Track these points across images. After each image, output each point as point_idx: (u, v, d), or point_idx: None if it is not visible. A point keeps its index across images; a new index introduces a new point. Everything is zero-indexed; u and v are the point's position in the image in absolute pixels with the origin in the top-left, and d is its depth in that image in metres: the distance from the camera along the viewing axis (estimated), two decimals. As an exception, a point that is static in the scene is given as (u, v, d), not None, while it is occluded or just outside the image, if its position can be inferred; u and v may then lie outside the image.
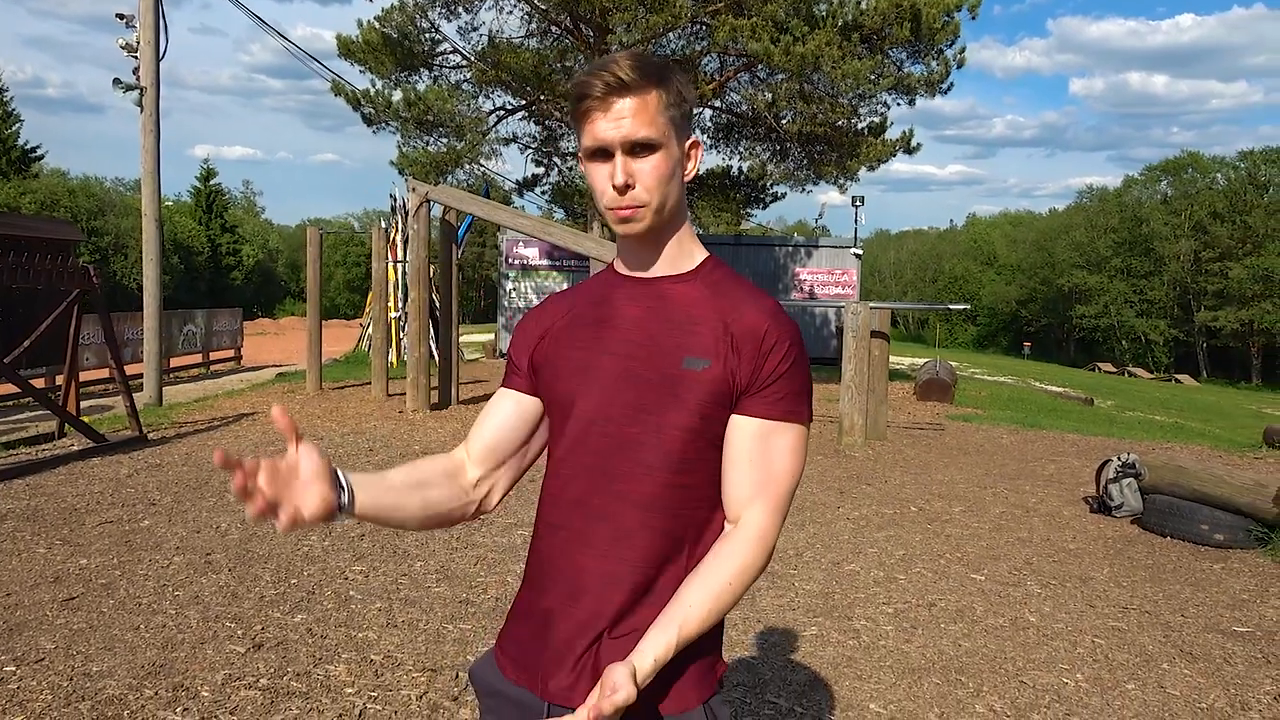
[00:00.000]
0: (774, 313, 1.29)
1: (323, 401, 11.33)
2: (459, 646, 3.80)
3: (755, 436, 1.27)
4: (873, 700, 3.45)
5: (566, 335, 1.36)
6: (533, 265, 20.84)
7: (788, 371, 1.27)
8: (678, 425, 1.26)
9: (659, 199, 1.27)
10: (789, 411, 1.27)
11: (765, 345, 1.26)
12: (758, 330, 1.27)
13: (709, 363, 1.26)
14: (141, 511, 5.80)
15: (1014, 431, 11.40)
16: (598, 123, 1.24)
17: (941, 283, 74.05)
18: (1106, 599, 4.78)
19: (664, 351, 1.28)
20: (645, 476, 1.27)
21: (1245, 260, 50.48)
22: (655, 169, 1.25)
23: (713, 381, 1.25)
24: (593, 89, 1.23)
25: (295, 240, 77.90)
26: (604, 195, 1.28)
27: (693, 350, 1.27)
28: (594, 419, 1.30)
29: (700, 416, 1.26)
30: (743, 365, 1.26)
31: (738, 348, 1.26)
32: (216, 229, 57.48)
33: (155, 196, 11.45)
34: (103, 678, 3.36)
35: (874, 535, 5.90)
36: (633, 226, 1.28)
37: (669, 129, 1.26)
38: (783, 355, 1.26)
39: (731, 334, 1.27)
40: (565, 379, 1.34)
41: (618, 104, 1.23)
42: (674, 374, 1.27)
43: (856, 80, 12.35)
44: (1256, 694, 3.65)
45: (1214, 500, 5.98)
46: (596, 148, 1.26)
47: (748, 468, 1.27)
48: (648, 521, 1.26)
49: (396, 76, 14.45)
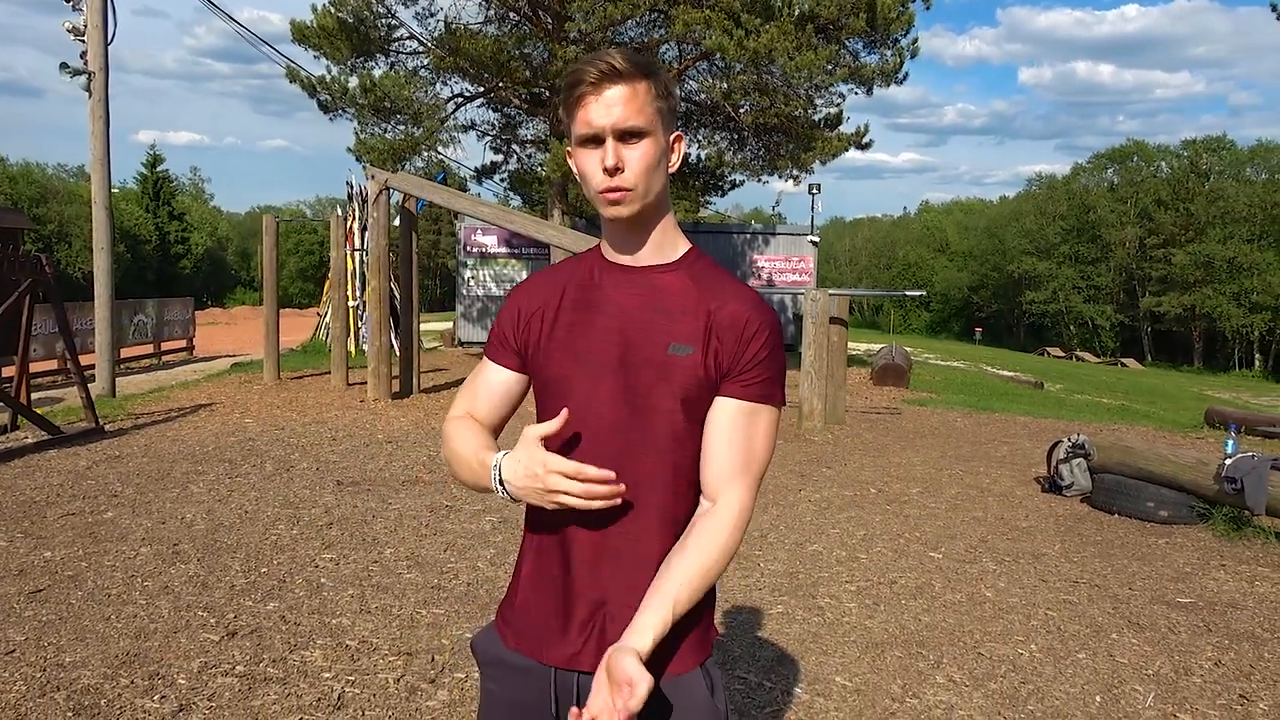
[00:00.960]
0: (755, 303, 1.37)
1: (281, 391, 11.22)
2: (433, 631, 3.85)
3: (735, 418, 1.35)
4: (838, 674, 3.57)
5: (558, 318, 1.42)
6: (491, 253, 20.74)
7: (767, 357, 1.35)
8: (665, 408, 1.34)
9: (645, 185, 1.33)
10: (766, 395, 1.36)
11: (747, 333, 1.34)
12: (739, 319, 1.35)
13: (692, 349, 1.34)
14: (104, 503, 5.74)
15: (968, 415, 11.67)
16: (590, 108, 1.30)
17: (895, 269, 74.99)
18: (1058, 574, 4.97)
19: (651, 338, 1.35)
20: (638, 455, 1.34)
21: (1188, 247, 51.86)
22: (643, 156, 1.31)
23: (696, 367, 1.33)
24: (587, 76, 1.30)
25: (245, 228, 76.54)
26: (594, 178, 1.33)
27: (678, 338, 1.34)
28: (586, 402, 1.36)
29: (684, 399, 1.34)
30: (724, 351, 1.34)
31: (720, 335, 1.34)
32: (164, 217, 56.22)
33: (105, 184, 11.22)
34: (76, 668, 3.36)
35: (835, 516, 6.05)
36: (620, 210, 1.33)
37: (656, 119, 1.32)
38: (763, 342, 1.35)
39: (715, 322, 1.35)
40: (558, 362, 1.40)
41: (610, 91, 1.29)
42: (661, 359, 1.34)
43: (811, 72, 12.48)
44: (1199, 660, 3.84)
45: (1159, 479, 6.22)
46: (589, 134, 1.31)
47: (728, 448, 1.35)
48: (643, 497, 1.34)
49: (352, 62, 14.26)
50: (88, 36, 10.85)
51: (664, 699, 1.33)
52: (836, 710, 3.26)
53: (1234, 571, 5.11)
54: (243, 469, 6.87)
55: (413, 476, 6.81)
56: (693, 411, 1.35)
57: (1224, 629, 4.21)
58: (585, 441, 1.36)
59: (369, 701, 3.20)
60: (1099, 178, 61.18)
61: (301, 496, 6.08)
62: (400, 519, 5.59)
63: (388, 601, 4.18)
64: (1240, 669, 3.76)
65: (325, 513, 5.68)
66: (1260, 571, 5.12)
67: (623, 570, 1.34)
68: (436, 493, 6.30)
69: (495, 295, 20.84)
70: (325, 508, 5.80)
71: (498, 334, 1.48)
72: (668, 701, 1.33)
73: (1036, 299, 59.53)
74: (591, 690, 1.21)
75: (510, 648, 1.42)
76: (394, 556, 4.85)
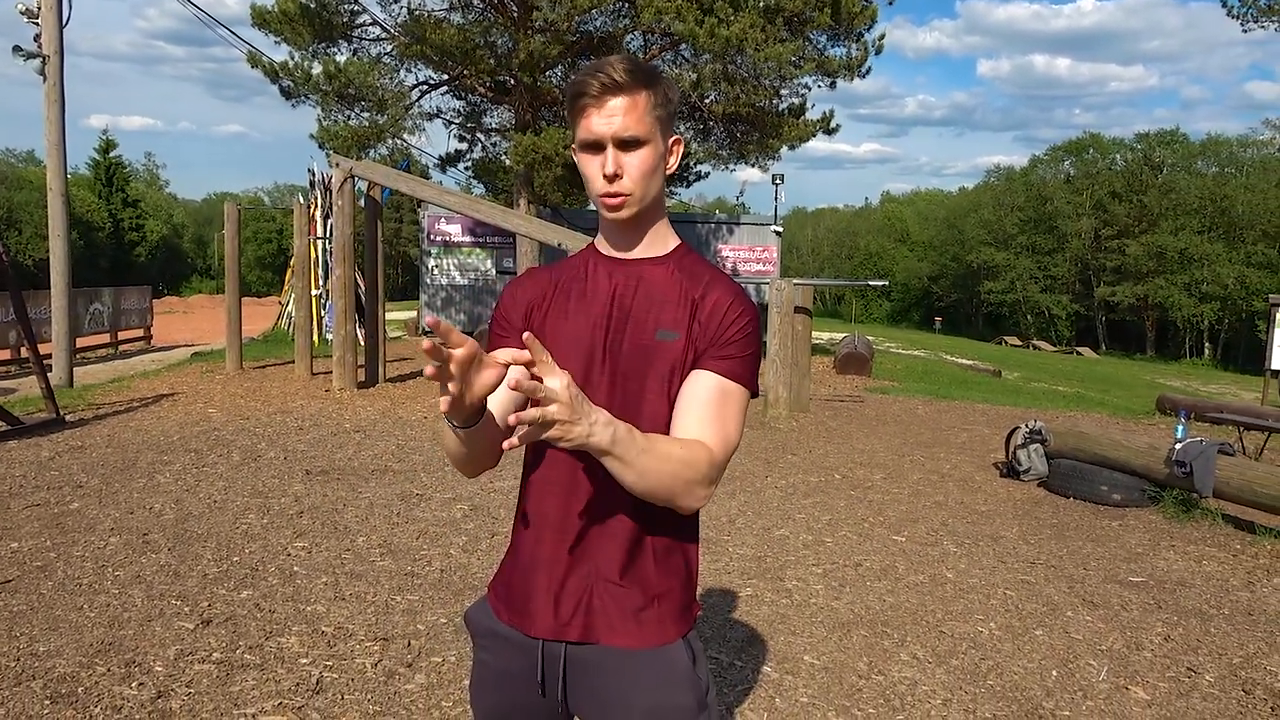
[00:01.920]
0: (738, 293, 1.45)
1: (244, 381, 11.12)
2: (409, 616, 3.90)
3: (709, 390, 1.39)
4: (806, 653, 3.68)
5: (553, 307, 1.49)
6: (455, 242, 20.63)
7: (743, 339, 1.42)
8: (653, 390, 1.41)
9: (642, 190, 1.41)
10: (740, 374, 1.41)
11: (728, 317, 1.41)
12: (721, 304, 1.42)
13: (678, 335, 1.41)
14: (69, 494, 5.69)
15: (928, 402, 11.89)
16: (593, 118, 1.37)
17: (857, 259, 75.73)
18: (1016, 555, 5.13)
19: (640, 325, 1.43)
20: None
21: (1141, 238, 52.96)
22: (641, 163, 1.39)
23: (681, 351, 1.41)
24: (590, 88, 1.36)
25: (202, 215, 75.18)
26: (595, 182, 1.41)
27: (664, 324, 1.42)
28: (579, 385, 1.42)
29: (670, 382, 1.41)
30: (705, 332, 1.41)
31: (703, 320, 1.42)
32: (118, 203, 55.11)
33: (61, 170, 11.01)
34: (51, 657, 3.36)
35: (801, 502, 6.17)
36: (619, 214, 1.42)
37: (655, 127, 1.40)
38: (741, 326, 1.42)
39: (698, 309, 1.42)
40: (551, 347, 1.44)
41: (611, 102, 1.37)
42: (649, 344, 1.42)
43: (779, 63, 12.58)
44: (1149, 635, 4.00)
45: (1112, 463, 6.42)
46: (591, 140, 1.39)
47: (699, 414, 1.37)
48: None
49: (315, 48, 14.08)
50: (41, 19, 10.63)
51: (648, 669, 1.40)
52: (805, 687, 3.36)
53: (1183, 552, 5.31)
54: (209, 459, 6.82)
55: (382, 465, 6.82)
56: (674, 391, 1.42)
57: (1173, 606, 4.38)
58: None
59: (347, 686, 3.24)
60: (1056, 170, 62.23)
61: (270, 486, 6.06)
62: (371, 507, 5.61)
63: (362, 588, 4.21)
64: (1188, 643, 3.93)
65: (295, 502, 5.68)
66: (1207, 551, 5.33)
67: (607, 546, 1.41)
68: (407, 481, 6.32)
69: (459, 284, 20.75)
70: (295, 497, 5.80)
71: (500, 321, 1.53)
72: (652, 672, 1.40)
73: (994, 289, 60.50)
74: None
75: (503, 620, 1.48)
76: (366, 544, 4.87)
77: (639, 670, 1.40)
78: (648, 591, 1.41)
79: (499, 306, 1.55)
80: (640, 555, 1.41)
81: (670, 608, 1.43)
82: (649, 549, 1.42)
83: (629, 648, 1.40)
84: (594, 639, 1.41)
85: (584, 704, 1.44)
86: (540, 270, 1.57)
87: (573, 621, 1.41)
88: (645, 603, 1.41)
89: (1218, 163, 55.33)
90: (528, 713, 1.48)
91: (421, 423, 8.77)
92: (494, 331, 1.54)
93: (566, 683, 1.43)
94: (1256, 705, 3.37)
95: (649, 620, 1.40)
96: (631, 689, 1.40)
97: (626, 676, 1.40)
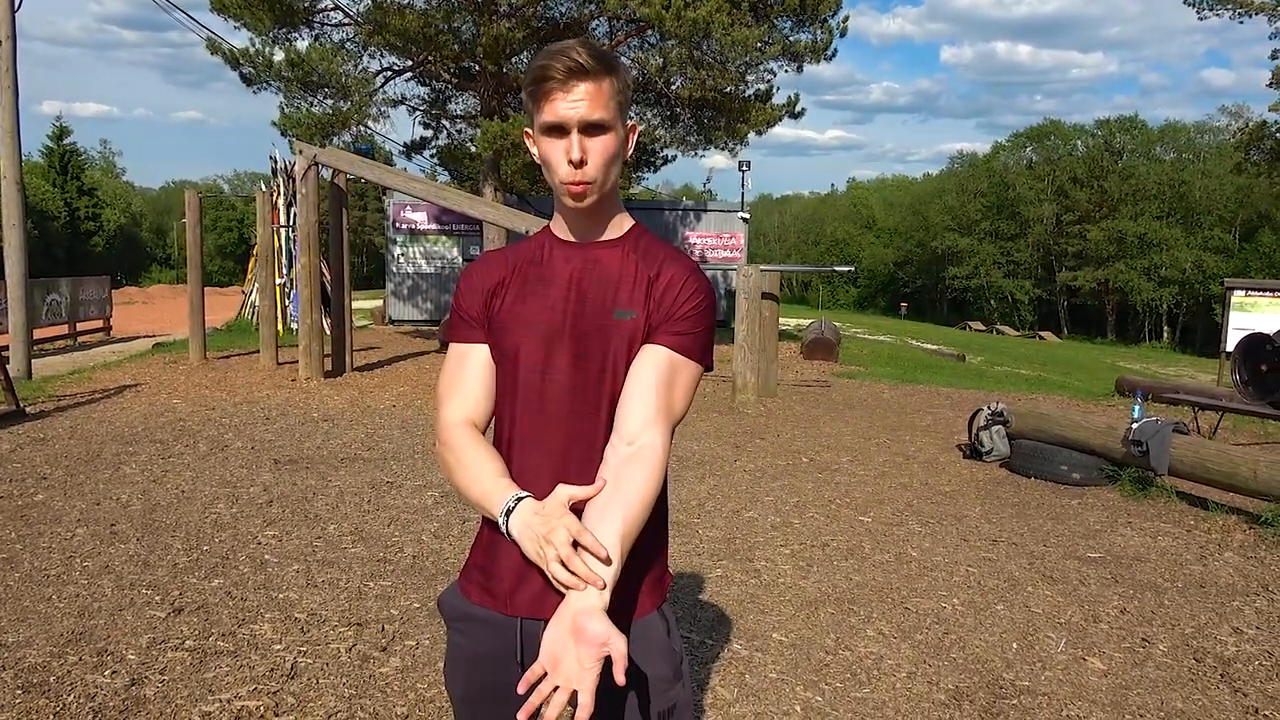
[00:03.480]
0: (691, 269, 1.49)
1: (209, 371, 11.00)
2: (382, 602, 3.92)
3: (660, 366, 1.43)
4: (775, 630, 3.75)
5: (513, 293, 1.51)
6: (421, 230, 20.50)
7: (696, 314, 1.46)
8: (612, 370, 1.45)
9: (604, 176, 1.42)
10: (691, 349, 1.46)
11: (682, 293, 1.45)
12: (675, 281, 1.46)
13: (635, 313, 1.45)
14: (33, 486, 5.62)
15: (894, 386, 12.06)
16: (558, 102, 1.37)
17: (823, 245, 76.20)
18: (978, 534, 5.25)
19: (597, 306, 1.46)
20: (590, 415, 1.45)
21: (1102, 223, 53.82)
22: (604, 148, 1.40)
23: (638, 329, 1.45)
24: (554, 72, 1.36)
25: (160, 204, 73.83)
26: (559, 169, 1.40)
27: (620, 304, 1.46)
28: (540, 368, 1.46)
29: (628, 360, 1.45)
30: (660, 308, 1.45)
31: (657, 297, 1.45)
32: (73, 191, 54.02)
33: (16, 157, 10.79)
34: (20, 647, 3.34)
35: (769, 485, 6.25)
36: (582, 203, 1.43)
37: (617, 113, 1.41)
38: (695, 302, 1.46)
39: (654, 286, 1.46)
40: (513, 332, 1.49)
41: (578, 87, 1.37)
42: (607, 324, 1.45)
43: (745, 48, 12.62)
44: (1106, 609, 4.13)
45: (1072, 443, 6.57)
46: (555, 124, 1.39)
47: (650, 393, 1.41)
48: (595, 453, 1.44)
49: (275, 33, 13.89)
50: (-6, 3, 10.37)
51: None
52: (774, 663, 3.44)
53: (1139, 528, 5.46)
54: (175, 449, 6.77)
55: (351, 454, 6.80)
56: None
57: (1129, 580, 4.52)
58: (540, 403, 1.46)
59: (322, 670, 3.26)
60: (1018, 156, 62.99)
61: (239, 475, 6.03)
62: (342, 495, 5.60)
63: (334, 575, 4.22)
64: (1143, 616, 4.06)
65: (264, 491, 5.66)
66: (1162, 528, 5.49)
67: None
68: (377, 469, 6.32)
69: (426, 272, 20.62)
70: (264, 486, 5.78)
71: (463, 314, 1.54)
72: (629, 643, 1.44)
73: (959, 274, 61.21)
74: (552, 652, 1.22)
75: (475, 602, 1.50)
76: (338, 532, 4.88)
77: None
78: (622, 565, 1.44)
79: (458, 295, 1.56)
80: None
81: (645, 582, 1.48)
82: None
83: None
84: None
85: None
86: (495, 254, 1.58)
87: (545, 597, 1.43)
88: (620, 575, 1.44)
89: (1175, 149, 56.33)
90: (504, 691, 1.50)
91: (390, 411, 8.75)
92: (455, 323, 1.55)
93: None
94: (1206, 673, 3.49)
95: (625, 592, 1.43)
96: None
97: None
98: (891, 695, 3.22)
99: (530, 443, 1.46)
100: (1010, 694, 3.27)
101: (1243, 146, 33.28)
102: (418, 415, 8.56)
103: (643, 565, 1.47)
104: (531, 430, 1.46)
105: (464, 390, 1.51)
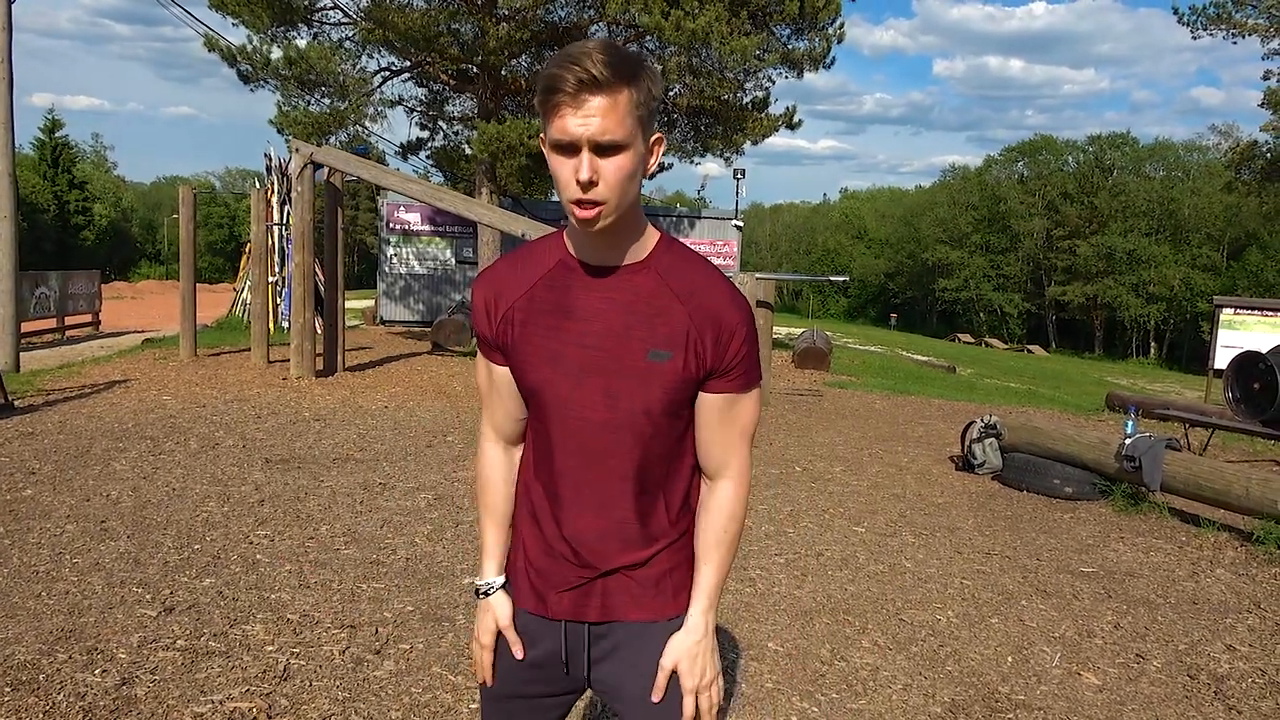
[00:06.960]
0: (730, 297, 1.39)
1: (199, 368, 10.93)
2: (375, 604, 3.89)
3: (725, 407, 1.43)
4: (770, 640, 3.74)
5: (530, 322, 1.42)
6: (415, 231, 20.47)
7: (747, 353, 1.41)
8: (646, 411, 1.38)
9: (618, 197, 1.29)
10: (750, 383, 1.44)
11: (725, 334, 1.38)
12: (718, 318, 1.37)
13: (671, 354, 1.36)
14: (21, 481, 5.56)
15: (886, 397, 12.08)
16: (567, 119, 1.24)
17: (815, 255, 76.41)
18: (972, 546, 5.26)
19: (628, 345, 1.37)
20: (623, 453, 1.41)
21: (1091, 238, 54.18)
22: (619, 168, 1.27)
23: (676, 372, 1.37)
24: (564, 84, 1.22)
25: (151, 199, 73.50)
26: (568, 187, 1.28)
27: (656, 343, 1.36)
28: (568, 406, 1.41)
29: (666, 402, 1.39)
30: (708, 353, 1.38)
31: (701, 336, 1.37)
32: (64, 185, 53.70)
33: (8, 150, 10.72)
34: (9, 645, 3.30)
35: (763, 493, 6.24)
36: (592, 225, 1.30)
37: (636, 128, 1.27)
38: (742, 338, 1.39)
39: (694, 324, 1.36)
40: (535, 368, 1.42)
41: (589, 102, 1.23)
42: (641, 367, 1.36)
43: (744, 56, 12.65)
44: (1100, 623, 4.14)
45: (1065, 457, 6.59)
46: (565, 142, 1.26)
47: (721, 430, 1.44)
48: (627, 487, 1.42)
49: (274, 31, 13.84)
50: (-9, -7, 10.31)
51: (663, 638, 1.47)
52: (770, 673, 3.43)
53: (1131, 543, 5.48)
54: (166, 446, 6.72)
55: (343, 454, 6.76)
56: (673, 407, 1.40)
57: (1122, 595, 4.53)
58: (572, 441, 1.42)
59: (315, 673, 3.23)
60: (1009, 170, 63.43)
61: (230, 474, 5.99)
62: (334, 496, 5.57)
63: (327, 576, 4.19)
64: (1137, 631, 4.06)
65: (256, 490, 5.62)
66: (1155, 543, 5.50)
67: (615, 549, 1.45)
68: (369, 470, 6.28)
69: (419, 274, 20.58)
70: (255, 485, 5.74)
71: (480, 333, 1.50)
72: (667, 638, 1.47)
73: (949, 286, 61.51)
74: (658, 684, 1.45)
75: (519, 606, 1.52)
76: (330, 533, 4.84)
77: (655, 640, 1.47)
78: (660, 567, 1.47)
79: (474, 320, 1.50)
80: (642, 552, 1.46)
81: (681, 580, 1.50)
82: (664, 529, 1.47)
83: (646, 620, 1.47)
84: (614, 617, 1.46)
85: (605, 677, 1.50)
86: (504, 269, 1.48)
87: (589, 603, 1.46)
88: (660, 578, 1.47)
89: (1165, 166, 56.78)
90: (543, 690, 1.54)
91: (382, 412, 8.71)
92: (481, 344, 1.52)
93: (590, 660, 1.49)
94: (1200, 690, 3.50)
95: (665, 593, 1.47)
96: (649, 659, 1.47)
97: (643, 647, 1.47)
98: (888, 707, 3.22)
99: (563, 473, 1.45)
100: (1006, 708, 3.27)
101: (1233, 165, 33.62)
102: (410, 417, 8.52)
103: (679, 566, 1.50)
104: (563, 464, 1.44)
105: (493, 408, 1.57)
